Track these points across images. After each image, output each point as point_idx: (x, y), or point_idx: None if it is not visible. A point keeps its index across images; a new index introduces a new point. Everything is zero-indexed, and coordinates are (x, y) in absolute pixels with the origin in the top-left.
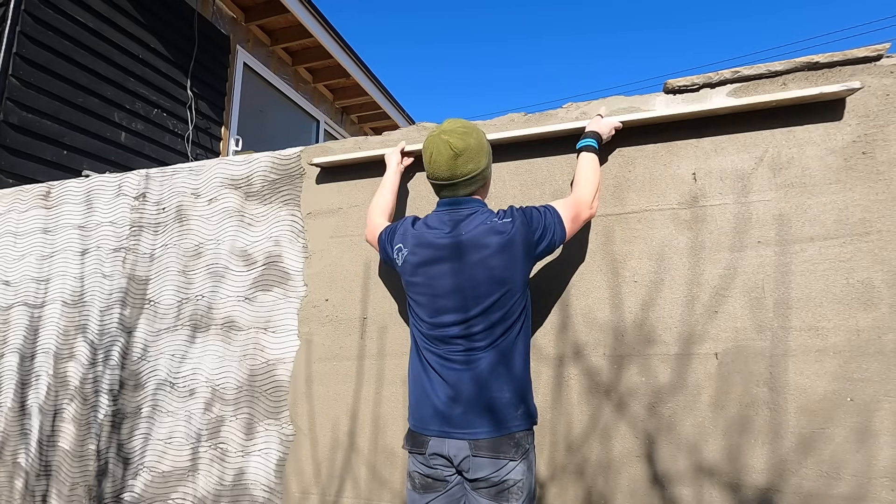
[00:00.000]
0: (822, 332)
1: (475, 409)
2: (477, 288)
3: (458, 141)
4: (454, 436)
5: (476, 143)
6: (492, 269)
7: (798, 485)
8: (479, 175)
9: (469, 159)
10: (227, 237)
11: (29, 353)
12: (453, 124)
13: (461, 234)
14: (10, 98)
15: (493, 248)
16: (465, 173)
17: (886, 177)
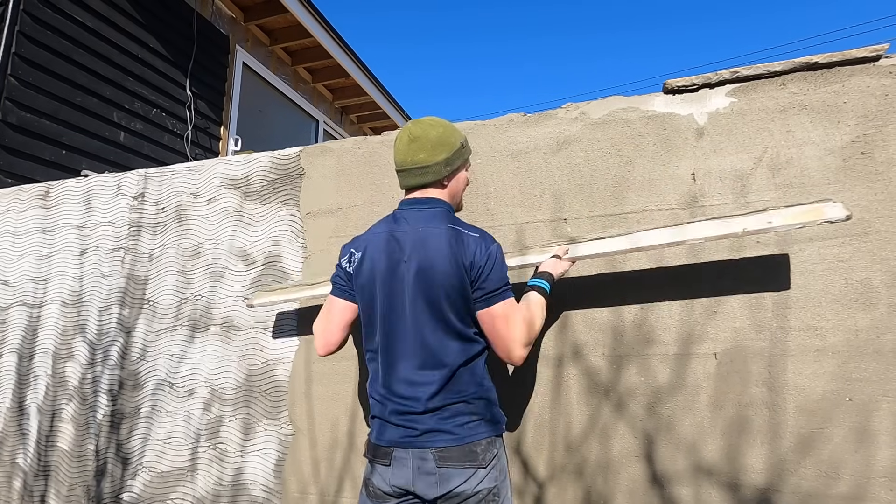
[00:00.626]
0: (820, 332)
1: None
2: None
3: (417, 128)
4: (416, 445)
5: (437, 136)
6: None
7: (797, 485)
8: (430, 168)
9: (422, 148)
10: (226, 237)
11: (27, 353)
12: (427, 117)
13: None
14: (8, 98)
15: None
16: (415, 161)
17: (885, 177)
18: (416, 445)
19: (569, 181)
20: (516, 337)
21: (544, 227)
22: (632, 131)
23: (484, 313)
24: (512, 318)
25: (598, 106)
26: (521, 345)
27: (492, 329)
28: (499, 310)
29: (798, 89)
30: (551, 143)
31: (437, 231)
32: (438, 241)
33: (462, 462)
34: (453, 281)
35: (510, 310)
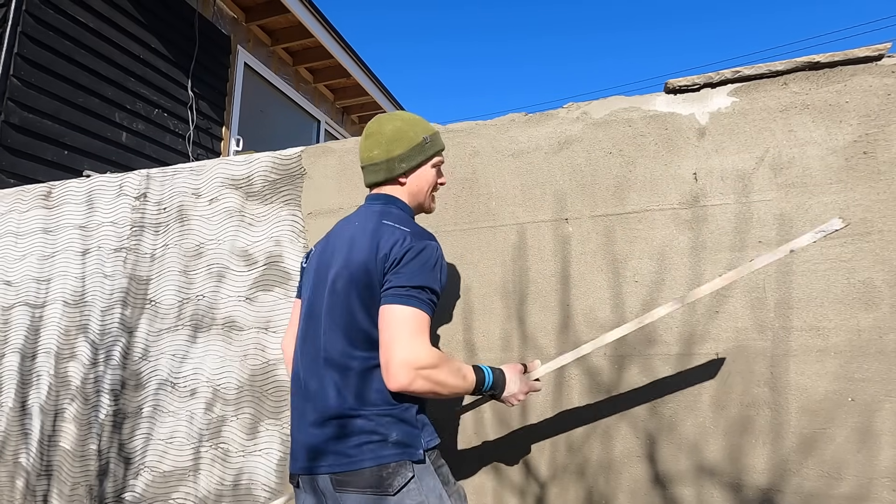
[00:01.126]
0: (823, 332)
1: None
2: None
3: (374, 124)
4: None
5: (393, 130)
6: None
7: (799, 485)
8: (383, 164)
9: (376, 143)
10: (228, 237)
11: (30, 353)
12: (392, 112)
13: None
14: (11, 98)
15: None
16: (370, 158)
17: (888, 177)
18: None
19: (570, 181)
20: (402, 348)
21: (546, 227)
22: (633, 131)
23: (382, 309)
24: (408, 327)
25: (600, 106)
26: (403, 360)
27: (381, 329)
28: (396, 311)
29: (800, 89)
30: (553, 143)
31: (370, 226)
32: (363, 236)
33: (361, 489)
34: (363, 274)
35: (411, 318)
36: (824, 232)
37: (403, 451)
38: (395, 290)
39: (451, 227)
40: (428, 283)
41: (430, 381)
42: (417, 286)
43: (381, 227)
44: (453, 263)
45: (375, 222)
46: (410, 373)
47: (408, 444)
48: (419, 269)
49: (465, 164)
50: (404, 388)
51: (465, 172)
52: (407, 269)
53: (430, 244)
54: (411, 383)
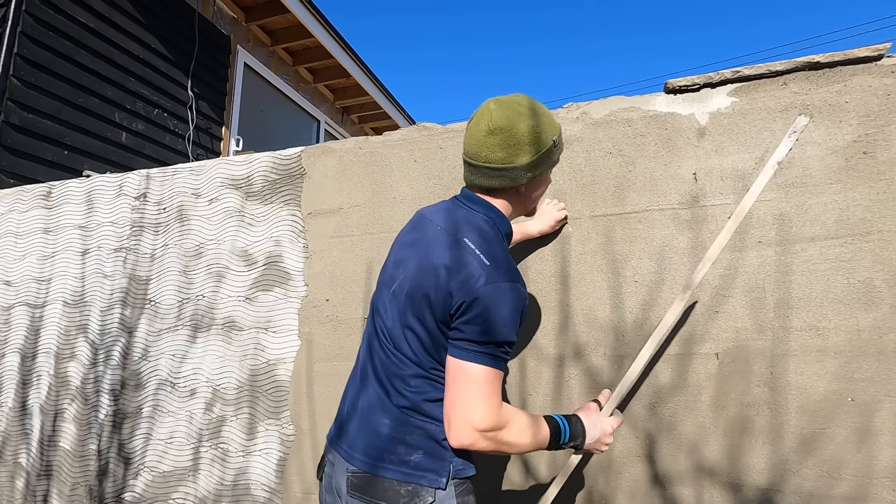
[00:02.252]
0: (822, 332)
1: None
2: None
3: (502, 117)
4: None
5: (527, 130)
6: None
7: (799, 485)
8: (508, 171)
9: (503, 144)
10: (228, 237)
11: (30, 353)
12: (515, 98)
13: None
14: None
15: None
16: (489, 159)
17: (887, 177)
18: (339, 452)
19: (570, 181)
20: (467, 409)
21: None
22: (633, 131)
23: (449, 360)
24: (476, 387)
25: (600, 106)
26: (467, 422)
27: (447, 383)
28: (465, 368)
29: (800, 89)
30: None
31: (445, 240)
32: (433, 252)
33: (375, 499)
34: (422, 299)
35: (481, 377)
36: (795, 132)
37: (423, 476)
38: (465, 344)
39: None
40: (504, 338)
41: (496, 442)
42: (491, 342)
43: (456, 249)
44: None
45: (457, 239)
46: (473, 434)
47: (430, 469)
48: (495, 324)
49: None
50: (466, 448)
51: (464, 172)
52: (480, 322)
53: (510, 286)
54: (474, 444)
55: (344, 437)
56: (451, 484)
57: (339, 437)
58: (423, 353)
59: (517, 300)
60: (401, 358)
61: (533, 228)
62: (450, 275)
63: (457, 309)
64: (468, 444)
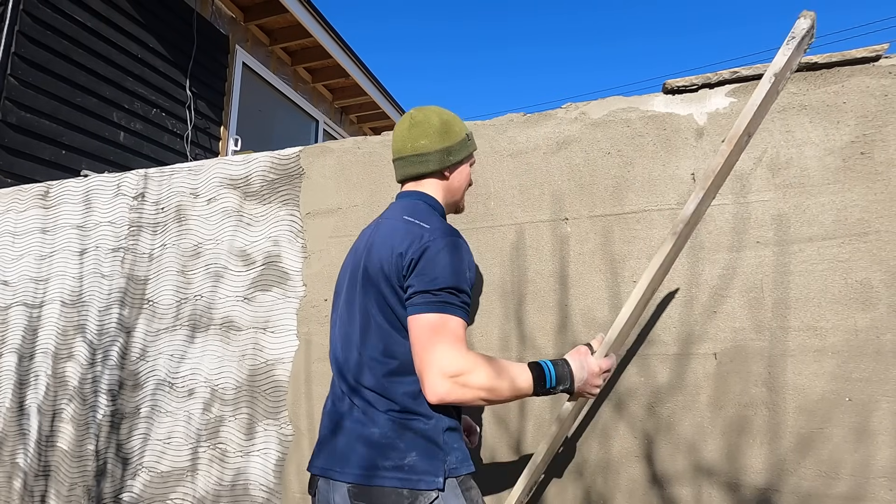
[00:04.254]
0: (820, 332)
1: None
2: None
3: (420, 113)
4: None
5: (442, 122)
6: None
7: (796, 484)
8: (432, 155)
9: (424, 133)
10: (226, 237)
11: (28, 353)
12: (430, 105)
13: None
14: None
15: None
16: (415, 148)
17: (885, 177)
18: (328, 475)
19: (569, 181)
20: (434, 357)
21: (544, 228)
22: (631, 131)
23: (409, 319)
24: (437, 335)
25: (598, 106)
26: (436, 370)
27: (411, 341)
28: (423, 320)
29: (798, 89)
30: (551, 143)
31: (390, 223)
32: (381, 235)
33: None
34: (379, 276)
35: (440, 325)
36: (795, 38)
37: (420, 479)
38: (419, 297)
39: None
40: (453, 284)
41: (472, 388)
42: (442, 288)
43: (398, 225)
44: None
45: (396, 219)
46: (445, 382)
47: (426, 471)
48: (441, 269)
49: None
50: (443, 399)
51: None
52: (428, 271)
53: (451, 239)
54: (449, 392)
55: (331, 457)
56: (451, 481)
57: (325, 460)
58: (392, 344)
59: (461, 250)
60: (372, 358)
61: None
62: (397, 242)
63: (407, 267)
64: (444, 394)
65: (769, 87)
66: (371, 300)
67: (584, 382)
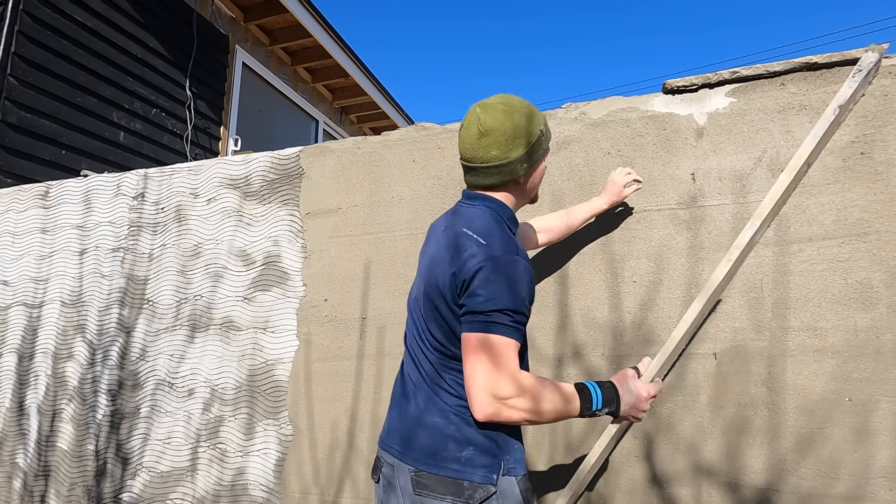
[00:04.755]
0: (820, 332)
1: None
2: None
3: (489, 118)
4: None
5: (512, 127)
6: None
7: (796, 484)
8: (505, 167)
9: (495, 143)
10: (226, 237)
11: (27, 353)
12: (497, 99)
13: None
14: (8, 98)
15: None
16: (486, 159)
17: (884, 177)
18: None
19: (568, 181)
20: (483, 378)
21: None
22: (631, 131)
23: (462, 337)
24: (488, 356)
25: (598, 106)
26: (485, 392)
27: (463, 359)
28: (474, 339)
29: (797, 89)
30: (551, 143)
31: (450, 236)
32: (444, 247)
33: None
34: (436, 291)
35: (491, 346)
36: (861, 71)
37: (475, 472)
38: (472, 317)
39: None
40: (507, 305)
41: (519, 410)
42: (495, 310)
43: (456, 240)
44: None
45: (456, 232)
46: (494, 403)
47: (482, 466)
48: (495, 290)
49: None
50: (490, 419)
51: (462, 172)
52: (481, 291)
53: (507, 258)
54: (496, 413)
55: (395, 437)
56: (509, 479)
57: (390, 437)
58: (450, 351)
59: (517, 270)
60: (436, 356)
61: (601, 204)
62: (452, 260)
63: (461, 287)
64: (492, 415)
65: (833, 118)
66: (432, 309)
67: (631, 406)
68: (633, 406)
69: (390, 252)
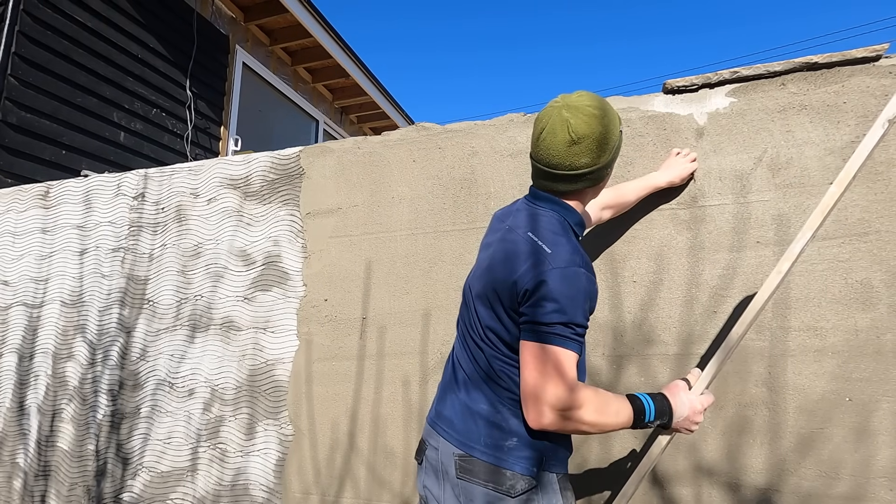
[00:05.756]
0: (820, 332)
1: None
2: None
3: (583, 125)
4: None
5: (603, 132)
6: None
7: (797, 484)
8: (593, 174)
9: (587, 151)
10: (226, 237)
11: (28, 353)
12: (584, 100)
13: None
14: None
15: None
16: (574, 166)
17: (885, 177)
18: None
19: None
20: (540, 389)
21: None
22: (631, 131)
23: (521, 345)
24: (547, 367)
25: None
26: (541, 402)
27: (521, 367)
28: (534, 350)
29: (798, 89)
30: None
31: (513, 238)
32: (507, 251)
33: (484, 481)
34: (493, 294)
35: (551, 357)
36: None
37: (516, 462)
38: (532, 327)
39: (450, 227)
40: (568, 318)
41: (575, 422)
42: (555, 322)
43: (521, 245)
44: (452, 264)
45: (521, 234)
46: (549, 414)
47: (523, 458)
48: (556, 302)
49: (463, 165)
50: (545, 429)
51: (463, 173)
52: (543, 302)
53: (570, 270)
54: (552, 423)
55: (443, 419)
56: (549, 476)
57: (439, 419)
58: (503, 344)
59: (579, 282)
60: (487, 348)
61: (661, 179)
62: (515, 265)
63: (522, 296)
64: (546, 424)
65: (882, 132)
66: (488, 306)
67: (685, 419)
68: (686, 419)
69: (391, 252)
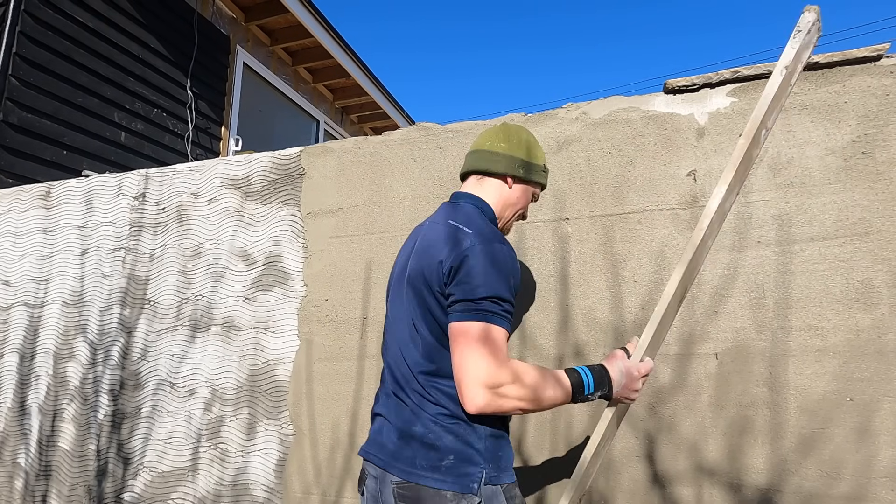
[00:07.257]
0: (821, 332)
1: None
2: None
3: (514, 127)
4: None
5: (527, 140)
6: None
7: (798, 485)
8: (505, 157)
9: (506, 138)
10: (227, 237)
11: (29, 353)
12: (522, 133)
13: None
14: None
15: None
16: (493, 147)
17: (886, 177)
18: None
19: (569, 181)
20: (472, 367)
21: (545, 228)
22: (632, 131)
23: (450, 327)
24: (477, 345)
25: (599, 106)
26: (475, 381)
27: (451, 349)
28: (462, 328)
29: (799, 89)
30: (552, 143)
31: (436, 228)
32: (426, 239)
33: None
34: (421, 281)
35: (480, 334)
36: (801, 31)
37: (455, 482)
38: (459, 305)
39: None
40: (495, 292)
41: (511, 399)
42: (483, 297)
43: (441, 229)
44: None
45: (441, 222)
46: (485, 393)
47: (463, 475)
48: (482, 278)
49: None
50: (482, 410)
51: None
52: (468, 279)
53: (493, 246)
54: (488, 404)
55: (377, 447)
56: (493, 489)
57: (372, 447)
58: (435, 350)
59: (501, 257)
60: (417, 361)
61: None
62: (439, 248)
63: (448, 275)
64: (482, 405)
65: (781, 79)
66: (415, 305)
67: (623, 387)
68: (625, 387)
69: (391, 252)
